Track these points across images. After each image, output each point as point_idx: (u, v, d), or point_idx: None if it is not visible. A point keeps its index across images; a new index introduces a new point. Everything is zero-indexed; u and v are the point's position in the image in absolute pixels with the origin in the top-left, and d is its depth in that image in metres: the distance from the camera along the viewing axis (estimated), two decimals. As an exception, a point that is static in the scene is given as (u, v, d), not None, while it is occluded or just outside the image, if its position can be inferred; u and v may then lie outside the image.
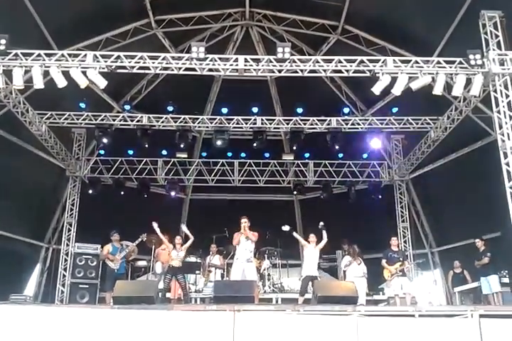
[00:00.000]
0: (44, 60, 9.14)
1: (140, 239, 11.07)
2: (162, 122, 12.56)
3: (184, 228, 10.16)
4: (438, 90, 9.22)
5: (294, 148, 13.38)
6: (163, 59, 9.57)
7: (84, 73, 9.09)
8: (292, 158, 14.60)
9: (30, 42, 10.23)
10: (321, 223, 10.30)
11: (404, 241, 13.82)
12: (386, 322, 6.28)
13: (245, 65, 9.62)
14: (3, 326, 6.18)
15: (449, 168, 13.32)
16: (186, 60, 9.49)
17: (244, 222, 9.51)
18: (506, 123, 8.78)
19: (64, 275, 12.92)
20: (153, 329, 6.20)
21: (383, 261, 10.58)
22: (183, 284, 9.89)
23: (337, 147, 12.78)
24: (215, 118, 12.80)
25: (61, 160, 13.35)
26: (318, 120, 12.63)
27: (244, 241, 9.49)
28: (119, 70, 9.54)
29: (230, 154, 14.59)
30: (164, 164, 14.71)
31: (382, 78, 9.28)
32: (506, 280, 10.25)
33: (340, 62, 9.61)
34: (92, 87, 10.78)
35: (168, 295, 10.34)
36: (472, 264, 11.05)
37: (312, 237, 10.28)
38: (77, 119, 12.33)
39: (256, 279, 9.74)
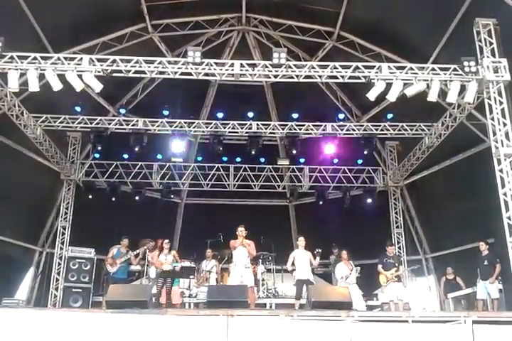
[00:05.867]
0: (40, 63, 9.11)
1: (142, 249, 11.03)
2: (158, 126, 12.56)
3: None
4: (432, 97, 9.27)
5: (291, 152, 13.39)
6: (159, 63, 9.57)
7: (80, 76, 9.08)
8: (287, 163, 14.64)
9: (26, 45, 10.22)
10: (319, 250, 10.32)
11: (399, 247, 13.84)
12: (380, 328, 6.27)
13: (241, 70, 9.63)
14: (-5, 330, 6.13)
15: (443, 175, 13.35)
16: (182, 64, 9.50)
17: (240, 231, 9.53)
18: (500, 130, 8.83)
19: (57, 279, 12.86)
20: (147, 333, 6.17)
21: (379, 267, 10.59)
22: (169, 289, 10.05)
23: (330, 152, 12.83)
24: (210, 123, 12.82)
25: (56, 163, 13.31)
26: (313, 125, 12.67)
27: (242, 246, 9.55)
28: (114, 74, 9.52)
29: (225, 159, 14.61)
30: (159, 168, 14.69)
31: (377, 84, 9.32)
32: (500, 286, 10.26)
33: (335, 68, 9.64)
34: (88, 90, 10.77)
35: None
36: (466, 270, 11.01)
37: (301, 241, 10.29)
38: (73, 123, 12.32)
39: (253, 285, 9.71)
